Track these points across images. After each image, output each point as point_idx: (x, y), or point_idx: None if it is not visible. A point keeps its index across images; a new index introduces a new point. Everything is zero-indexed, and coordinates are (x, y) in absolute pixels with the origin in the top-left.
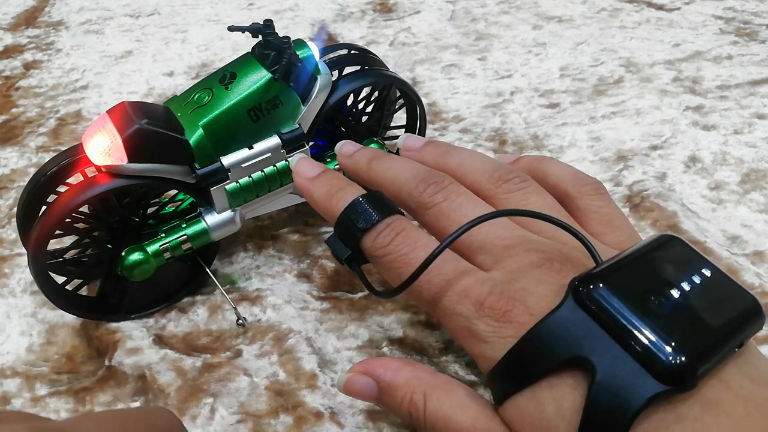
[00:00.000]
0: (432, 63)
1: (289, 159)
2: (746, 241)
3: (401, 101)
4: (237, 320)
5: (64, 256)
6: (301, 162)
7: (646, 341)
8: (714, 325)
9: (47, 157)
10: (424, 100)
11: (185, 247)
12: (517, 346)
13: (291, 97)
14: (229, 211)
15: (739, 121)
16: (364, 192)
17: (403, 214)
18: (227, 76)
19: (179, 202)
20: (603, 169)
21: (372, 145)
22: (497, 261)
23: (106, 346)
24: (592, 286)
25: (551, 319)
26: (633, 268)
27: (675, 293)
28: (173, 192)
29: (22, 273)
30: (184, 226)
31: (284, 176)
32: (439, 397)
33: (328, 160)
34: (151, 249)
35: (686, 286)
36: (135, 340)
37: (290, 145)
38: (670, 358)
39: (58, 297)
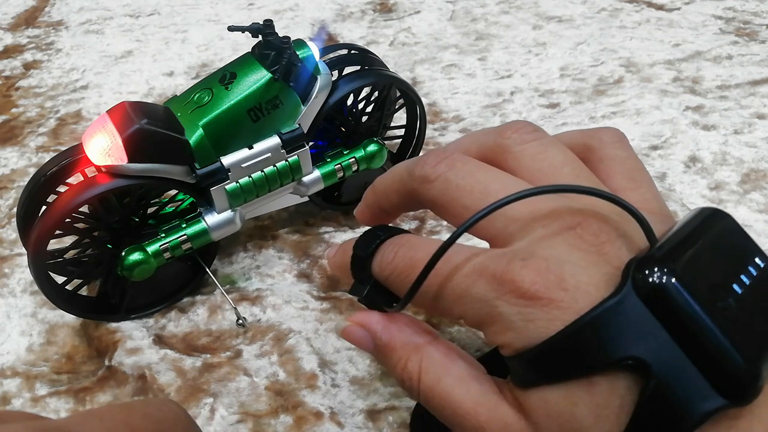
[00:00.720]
0: (432, 63)
1: (289, 159)
2: None
3: (401, 101)
4: (237, 320)
5: (64, 256)
6: (329, 251)
7: (715, 350)
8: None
9: (47, 157)
10: (424, 100)
11: (185, 247)
12: (558, 336)
13: (291, 97)
14: (229, 211)
15: (739, 121)
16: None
17: (405, 231)
18: (227, 76)
19: (179, 202)
20: None
21: (371, 145)
22: (521, 229)
23: (106, 346)
24: (659, 275)
25: (605, 309)
26: (696, 253)
27: (738, 289)
28: (173, 192)
29: (22, 273)
30: (184, 226)
31: (284, 176)
32: (435, 371)
33: (328, 159)
34: (151, 249)
35: (746, 280)
36: (135, 340)
37: (290, 145)
38: (738, 370)
39: (58, 297)
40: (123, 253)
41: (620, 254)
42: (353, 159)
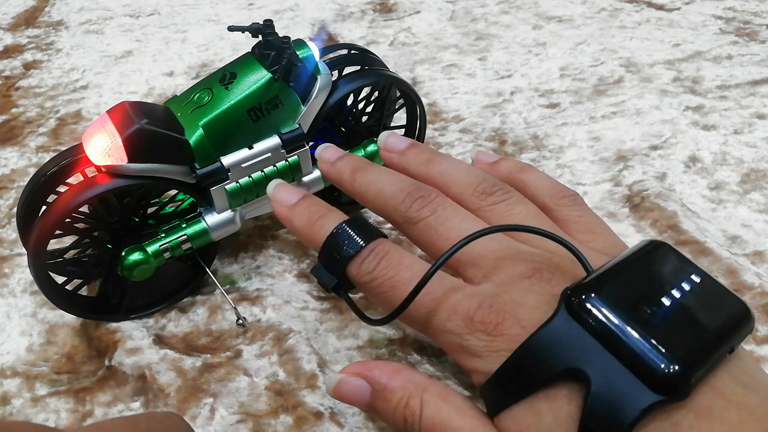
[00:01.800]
0: (432, 63)
1: (289, 159)
2: (746, 241)
3: (401, 101)
4: (237, 320)
5: (64, 256)
6: (278, 188)
7: (640, 352)
8: (706, 332)
9: (47, 157)
10: (424, 100)
11: (185, 247)
12: (511, 358)
13: (291, 97)
14: (229, 211)
15: (739, 121)
16: (345, 218)
17: (385, 237)
18: (227, 76)
19: (179, 202)
20: (603, 169)
21: (371, 146)
22: (486, 274)
23: (106, 346)
24: (584, 296)
25: (544, 330)
26: (624, 276)
27: (666, 301)
28: (173, 192)
29: (22, 273)
30: (184, 226)
31: (284, 176)
32: (436, 403)
33: None
34: (151, 249)
35: (677, 293)
36: (135, 340)
37: (290, 145)
38: (664, 368)
39: (57, 297)
40: (123, 253)
41: None
42: None
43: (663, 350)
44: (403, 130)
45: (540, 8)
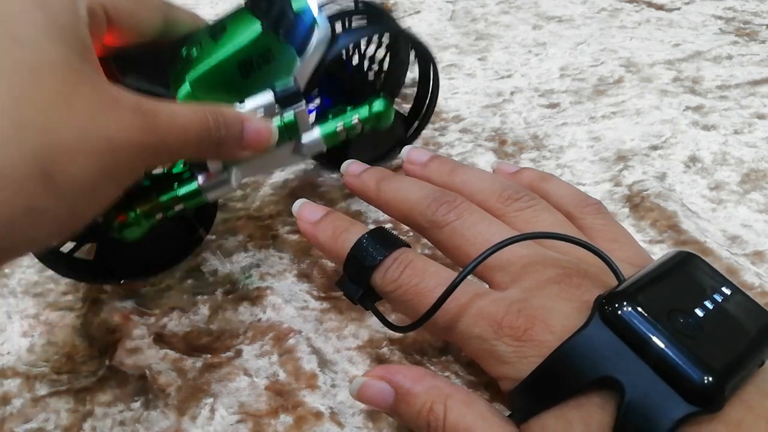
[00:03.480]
0: None
1: (284, 116)
2: (746, 241)
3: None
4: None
5: None
6: (303, 207)
7: (675, 362)
8: (737, 345)
9: None
10: None
11: (178, 207)
12: (543, 365)
13: (285, 50)
14: (224, 172)
15: (739, 121)
16: (368, 230)
17: (408, 246)
18: (218, 29)
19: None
20: (603, 169)
21: (377, 103)
22: (514, 279)
23: (106, 345)
24: (618, 305)
25: (579, 338)
26: (657, 286)
27: (700, 312)
28: None
29: (22, 273)
30: (176, 186)
31: (279, 135)
32: (460, 409)
33: (331, 116)
34: (142, 210)
35: (709, 305)
36: (135, 339)
37: (285, 101)
38: (700, 379)
39: (53, 260)
40: (114, 214)
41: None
42: (357, 120)
43: (698, 362)
44: (415, 89)
45: (540, 8)
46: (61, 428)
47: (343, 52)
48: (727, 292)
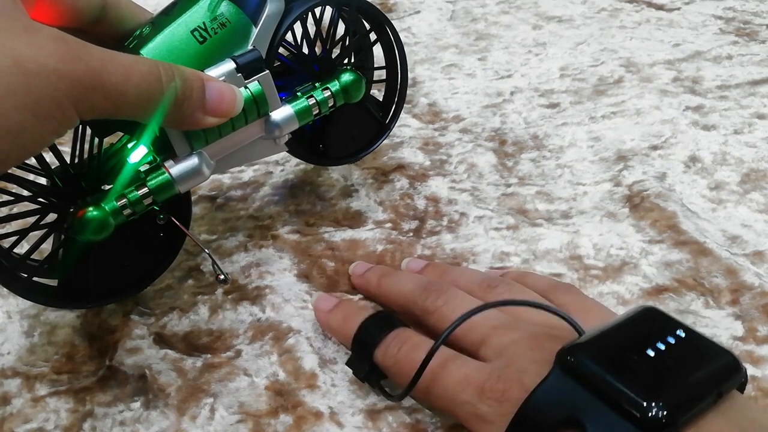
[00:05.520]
0: (432, 63)
1: (248, 85)
2: (746, 241)
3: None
4: (218, 276)
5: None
6: (319, 298)
7: (627, 398)
8: (689, 378)
9: None
10: (424, 101)
11: (147, 201)
12: (516, 416)
13: (238, 16)
14: (194, 157)
15: (739, 121)
16: (372, 314)
17: (407, 326)
18: (170, 6)
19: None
20: (603, 169)
21: (346, 75)
22: (496, 352)
23: (107, 345)
24: (573, 354)
25: (542, 387)
26: (611, 335)
27: (651, 352)
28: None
29: None
30: (143, 177)
31: (249, 110)
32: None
33: (299, 94)
34: (108, 205)
35: (661, 346)
36: (135, 339)
37: (247, 69)
38: (652, 412)
39: (17, 284)
40: (72, 210)
41: None
42: (329, 92)
43: (649, 397)
44: (384, 73)
45: (540, 8)
46: (61, 428)
47: (303, 41)
48: (682, 334)
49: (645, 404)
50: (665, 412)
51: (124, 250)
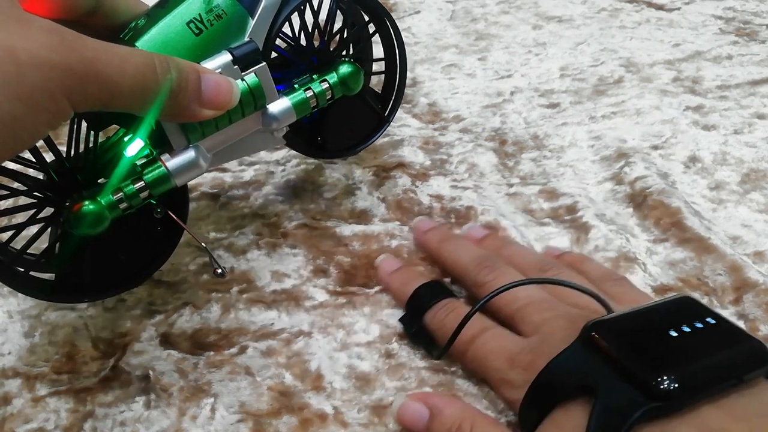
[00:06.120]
0: (432, 63)
1: (246, 78)
2: (746, 242)
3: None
4: (215, 270)
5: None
6: (384, 260)
7: (637, 367)
8: (709, 360)
9: None
10: (424, 100)
11: (143, 195)
12: (537, 380)
13: (234, 7)
14: (190, 150)
15: (739, 121)
16: (427, 281)
17: (455, 297)
18: (164, 0)
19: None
20: (604, 168)
21: (344, 66)
22: (535, 329)
23: (114, 347)
24: (596, 329)
25: (561, 355)
26: (639, 315)
27: (673, 333)
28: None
29: None
30: (139, 170)
31: (246, 104)
32: (485, 427)
33: (297, 86)
34: (104, 199)
35: (686, 329)
36: (143, 342)
37: (244, 61)
38: (658, 378)
39: (12, 278)
40: (69, 204)
41: None
42: (327, 85)
43: (657, 365)
44: (384, 64)
45: (540, 8)
46: (61, 428)
47: (301, 32)
48: (711, 321)
49: (655, 376)
50: (676, 385)
51: (121, 244)
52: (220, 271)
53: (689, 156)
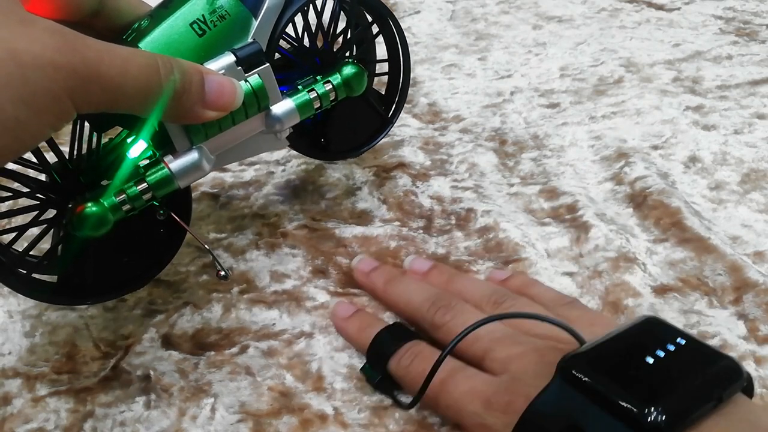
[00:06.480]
0: (432, 63)
1: (249, 80)
2: (746, 242)
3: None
4: (218, 272)
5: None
6: (337, 305)
7: (626, 405)
8: (688, 384)
9: None
10: (424, 100)
11: (146, 197)
12: (518, 424)
13: (238, 8)
14: (194, 152)
15: (739, 121)
16: (388, 325)
17: (420, 339)
18: (168, 0)
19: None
20: (604, 168)
21: (348, 68)
22: (503, 366)
23: (116, 348)
24: (574, 364)
25: (542, 396)
26: (611, 344)
27: (650, 360)
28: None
29: None
30: (142, 171)
31: (249, 105)
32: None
33: (300, 87)
34: (107, 201)
35: (660, 353)
36: (144, 343)
37: (247, 62)
38: (651, 417)
39: (16, 281)
40: (71, 206)
41: None
42: (330, 86)
43: (647, 400)
44: (387, 65)
45: (540, 8)
46: (61, 428)
47: (305, 33)
48: (682, 342)
49: (644, 409)
50: (663, 417)
51: (124, 246)
52: (223, 273)
53: (689, 156)
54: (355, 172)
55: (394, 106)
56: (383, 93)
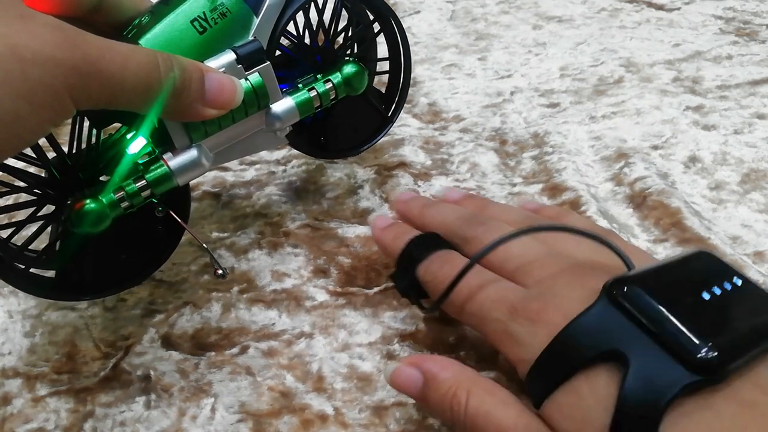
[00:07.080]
0: (432, 63)
1: (249, 77)
2: (746, 242)
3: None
4: (216, 271)
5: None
6: (377, 217)
7: (677, 335)
8: (743, 326)
9: None
10: (424, 100)
11: (145, 194)
12: (553, 342)
13: (239, 5)
14: (193, 149)
15: (739, 121)
16: (422, 233)
17: (450, 248)
18: None
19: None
20: (604, 168)
21: (349, 66)
22: (537, 280)
23: (116, 348)
24: (623, 286)
25: (585, 316)
26: (665, 273)
27: (706, 296)
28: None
29: None
30: (141, 168)
31: (248, 101)
32: (481, 395)
33: (300, 85)
34: (105, 197)
35: (717, 291)
36: (144, 343)
37: (248, 60)
38: (702, 350)
39: (15, 277)
40: (70, 202)
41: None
42: (331, 84)
43: (700, 335)
44: (387, 64)
45: (540, 8)
46: (61, 428)
47: (305, 31)
48: (738, 282)
49: (697, 344)
50: (715, 354)
51: (122, 242)
52: (220, 272)
53: (689, 156)
54: (356, 171)
55: (394, 105)
56: (383, 91)
